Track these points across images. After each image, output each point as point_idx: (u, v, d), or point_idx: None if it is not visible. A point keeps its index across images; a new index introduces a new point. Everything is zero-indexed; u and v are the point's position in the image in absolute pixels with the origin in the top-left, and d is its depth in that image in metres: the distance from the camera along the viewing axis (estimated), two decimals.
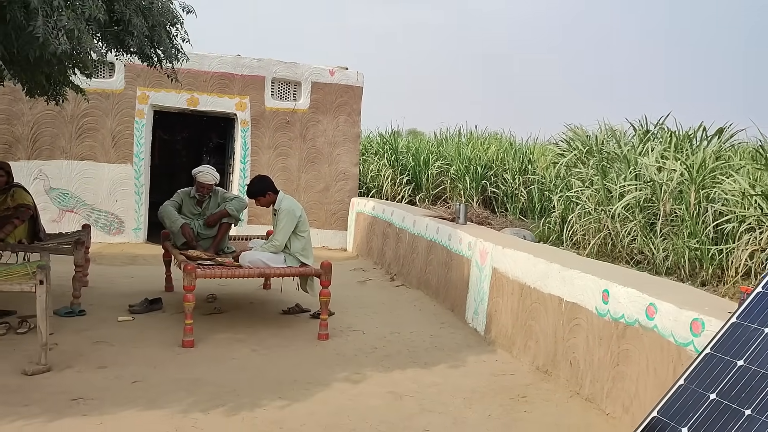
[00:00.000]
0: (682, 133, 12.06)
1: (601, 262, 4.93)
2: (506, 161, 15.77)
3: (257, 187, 5.73)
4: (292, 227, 5.62)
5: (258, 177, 5.92)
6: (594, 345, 3.94)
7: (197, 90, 9.65)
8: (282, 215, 5.61)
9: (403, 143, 17.04)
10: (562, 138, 15.24)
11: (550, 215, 12.65)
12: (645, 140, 11.97)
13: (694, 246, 8.84)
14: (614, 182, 10.84)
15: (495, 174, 15.42)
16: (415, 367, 4.74)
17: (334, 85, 10.28)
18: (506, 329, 5.10)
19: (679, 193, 10.05)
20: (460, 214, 6.71)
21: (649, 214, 10.33)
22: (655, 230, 9.75)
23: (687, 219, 9.37)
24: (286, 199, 5.75)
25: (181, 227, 6.13)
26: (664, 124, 12.65)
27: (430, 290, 6.91)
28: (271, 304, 6.42)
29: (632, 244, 10.02)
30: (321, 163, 10.30)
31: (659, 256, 9.20)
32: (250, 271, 5.32)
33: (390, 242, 8.32)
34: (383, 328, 5.78)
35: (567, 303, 4.28)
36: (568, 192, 12.13)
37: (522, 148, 16.66)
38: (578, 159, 13.07)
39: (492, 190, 15.01)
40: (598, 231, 10.73)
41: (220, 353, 4.87)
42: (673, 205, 10.03)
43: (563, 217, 12.15)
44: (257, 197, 5.72)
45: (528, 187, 14.84)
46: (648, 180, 10.46)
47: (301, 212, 5.71)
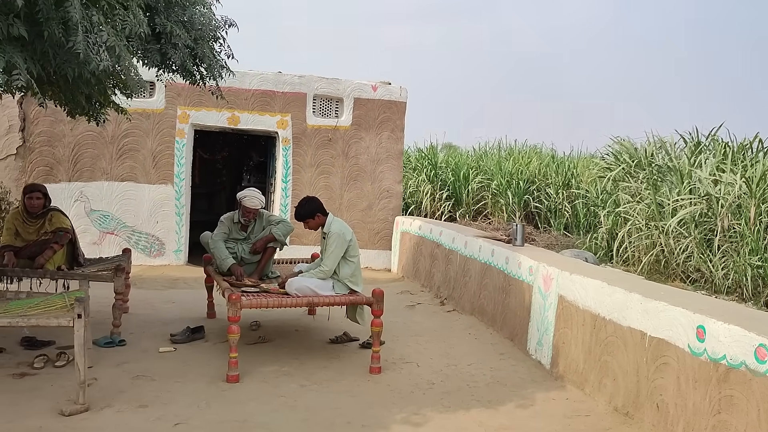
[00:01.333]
0: (736, 144, 11.50)
1: (689, 292, 4.48)
2: (548, 175, 15.35)
3: (306, 209, 5.42)
4: (342, 252, 5.29)
5: (306, 198, 5.62)
6: (687, 388, 3.49)
7: (238, 108, 9.45)
8: (332, 239, 5.28)
9: (442, 158, 16.70)
10: (609, 151, 14.75)
11: (596, 231, 12.18)
12: (697, 152, 11.41)
13: (756, 264, 8.29)
14: (667, 196, 10.33)
15: (537, 189, 15.02)
16: (478, 407, 4.33)
17: (376, 101, 9.99)
18: (577, 364, 4.66)
19: (738, 208, 9.50)
20: (516, 235, 6.30)
21: (705, 229, 9.79)
22: (712, 247, 9.22)
23: (747, 235, 8.82)
24: (336, 221, 5.43)
25: (231, 267, 5.84)
26: (716, 136, 12.08)
27: (486, 317, 6.49)
28: (317, 332, 6.09)
29: (688, 261, 9.50)
30: (364, 180, 9.99)
31: (718, 274, 8.67)
32: (298, 300, 4.99)
33: (439, 264, 7.93)
34: (439, 360, 5.39)
35: (651, 338, 3.84)
36: (617, 207, 11.64)
37: (564, 161, 16.20)
38: (626, 172, 12.56)
39: (535, 205, 14.59)
40: (651, 247, 10.22)
41: (267, 389, 4.53)
42: (732, 220, 9.48)
43: (611, 232, 11.67)
44: (306, 219, 5.42)
45: (572, 202, 14.40)
46: (703, 194, 9.92)
47: (351, 236, 5.38)
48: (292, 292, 5.13)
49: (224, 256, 5.87)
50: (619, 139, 14.31)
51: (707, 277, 9.05)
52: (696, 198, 10.00)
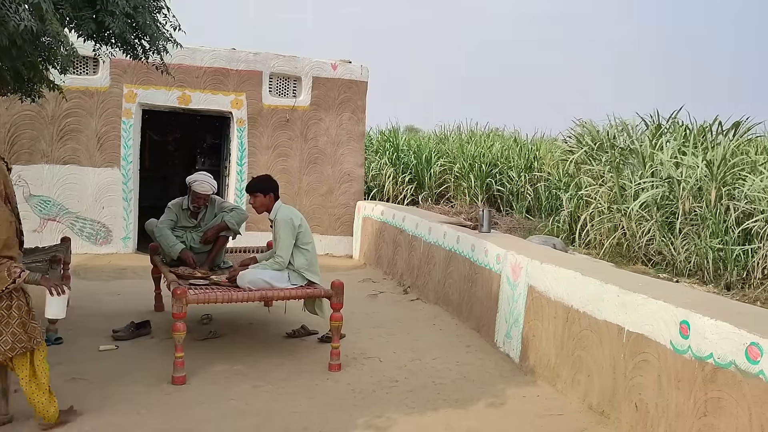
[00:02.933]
0: (696, 127, 11.47)
1: (670, 283, 4.25)
2: (511, 159, 15.23)
3: (261, 183, 5.04)
4: (293, 239, 4.92)
5: (267, 175, 5.25)
6: (670, 387, 3.25)
7: (189, 87, 8.93)
8: (279, 226, 4.90)
9: (404, 141, 16.42)
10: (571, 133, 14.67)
11: (559, 214, 12.07)
12: (658, 135, 11.37)
13: (717, 246, 8.24)
14: (629, 179, 10.24)
15: (500, 172, 14.90)
16: (445, 407, 4.04)
17: (336, 80, 9.56)
18: (548, 358, 4.41)
19: (699, 191, 9.44)
20: (483, 221, 6.01)
21: (667, 212, 9.74)
22: (674, 230, 9.16)
23: (709, 218, 8.77)
24: (283, 208, 5.04)
25: (181, 253, 5.42)
26: (677, 118, 12.04)
27: (451, 307, 6.21)
28: (273, 325, 5.72)
29: (650, 244, 9.43)
30: (324, 164, 9.58)
31: (680, 257, 8.60)
32: (250, 294, 4.60)
33: (402, 251, 7.62)
34: (402, 354, 5.08)
35: (629, 333, 3.59)
36: (579, 190, 11.53)
37: (527, 144, 16.09)
38: (589, 155, 12.47)
39: (497, 188, 14.45)
40: (613, 231, 10.13)
41: (216, 392, 4.16)
42: (693, 203, 9.43)
43: (573, 216, 11.57)
44: (256, 193, 5.00)
45: (534, 185, 14.30)
46: (665, 177, 9.85)
47: (300, 221, 5.00)
48: (245, 286, 4.75)
49: (172, 243, 5.45)
50: (582, 121, 14.23)
51: (669, 260, 8.98)
52: (658, 181, 9.92)
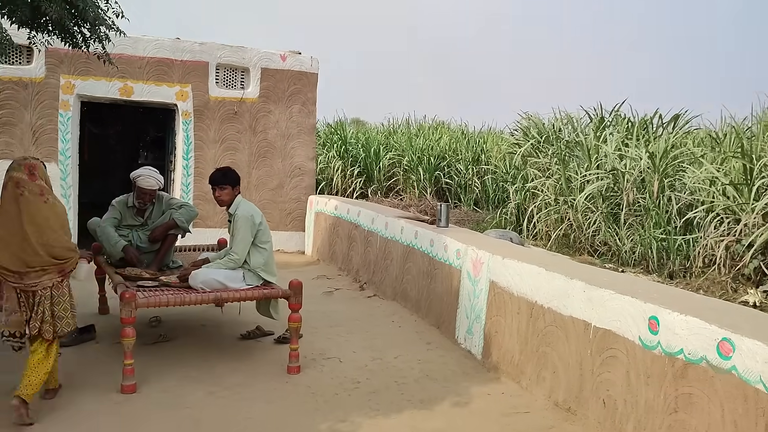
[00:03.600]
0: (638, 120, 11.74)
1: (636, 278, 4.24)
2: (459, 151, 15.30)
3: (228, 176, 4.79)
4: (251, 237, 4.72)
5: (229, 167, 4.99)
6: (639, 383, 3.22)
7: (131, 78, 8.54)
8: (239, 223, 4.69)
9: (352, 134, 16.30)
10: (517, 126, 14.83)
11: (506, 206, 12.18)
12: (601, 128, 11.59)
13: (660, 236, 8.43)
14: (575, 171, 10.39)
15: (448, 165, 14.95)
16: (410, 408, 3.94)
17: (286, 72, 9.32)
18: (512, 355, 4.36)
19: (642, 182, 9.66)
20: (441, 216, 5.92)
21: (612, 203, 9.92)
22: (619, 221, 9.34)
23: (652, 208, 8.97)
24: (244, 203, 4.84)
25: (124, 250, 5.15)
26: (619, 111, 12.30)
27: (409, 303, 6.11)
28: (227, 327, 5.50)
29: (596, 235, 9.59)
30: (274, 157, 9.34)
31: (625, 247, 8.77)
32: (204, 296, 4.39)
33: (357, 246, 7.48)
34: (362, 353, 4.96)
35: (596, 329, 3.56)
36: (526, 183, 11.65)
37: (474, 137, 16.21)
38: (535, 148, 12.62)
39: (445, 181, 14.48)
40: (560, 222, 10.26)
41: (169, 400, 3.95)
42: (637, 194, 9.64)
43: (519, 208, 11.69)
44: (222, 185, 4.75)
45: (482, 177, 14.40)
46: (610, 169, 10.03)
47: (261, 219, 4.81)
48: (197, 286, 4.53)
49: (114, 241, 5.17)
50: (528, 114, 14.39)
51: (614, 250, 9.15)
52: (603, 173, 10.09)
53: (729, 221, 7.89)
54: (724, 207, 8.02)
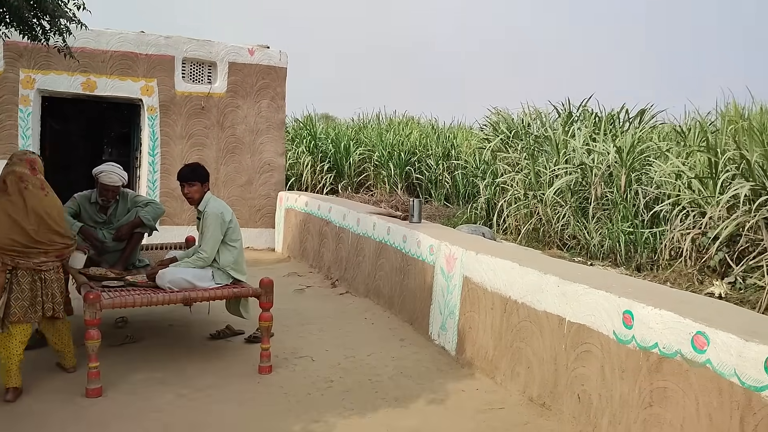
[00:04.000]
0: (605, 114, 11.87)
1: (610, 272, 4.25)
2: (429, 146, 15.29)
3: (197, 172, 4.68)
4: (221, 235, 4.62)
5: (198, 163, 4.88)
6: (613, 378, 3.22)
7: (94, 72, 8.32)
8: (209, 220, 4.58)
9: (321, 129, 16.17)
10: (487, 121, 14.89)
11: (476, 201, 12.21)
12: (569, 123, 11.69)
13: (627, 230, 8.54)
14: (544, 166, 10.46)
15: (419, 160, 14.93)
16: (385, 407, 3.89)
17: (254, 66, 9.17)
18: (486, 351, 4.34)
19: (609, 177, 9.77)
20: (414, 211, 5.88)
21: (580, 198, 10.02)
22: (587, 215, 9.43)
23: (619, 202, 9.08)
24: (214, 200, 4.73)
25: (80, 230, 4.99)
26: (587, 106, 12.43)
27: (382, 299, 6.06)
28: (196, 326, 5.39)
29: (565, 229, 9.68)
30: (242, 153, 9.20)
31: (594, 240, 8.86)
32: (172, 296, 4.27)
33: (329, 243, 7.40)
34: (335, 351, 4.89)
35: (571, 324, 3.55)
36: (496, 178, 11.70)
37: (445, 132, 16.23)
38: (504, 143, 12.68)
39: (416, 176, 14.46)
40: (529, 217, 10.32)
41: (137, 403, 3.83)
42: (605, 188, 9.75)
43: (489, 202, 11.74)
44: (191, 182, 4.63)
45: (452, 173, 14.42)
46: (578, 163, 10.12)
47: (231, 217, 4.71)
48: (165, 286, 4.42)
49: (70, 222, 4.99)
50: (497, 109, 14.45)
51: (583, 244, 9.23)
52: (571, 167, 10.17)
53: (694, 214, 8.01)
54: (689, 200, 8.14)
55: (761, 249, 7.12)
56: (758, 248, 7.16)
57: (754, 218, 7.11)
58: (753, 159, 7.67)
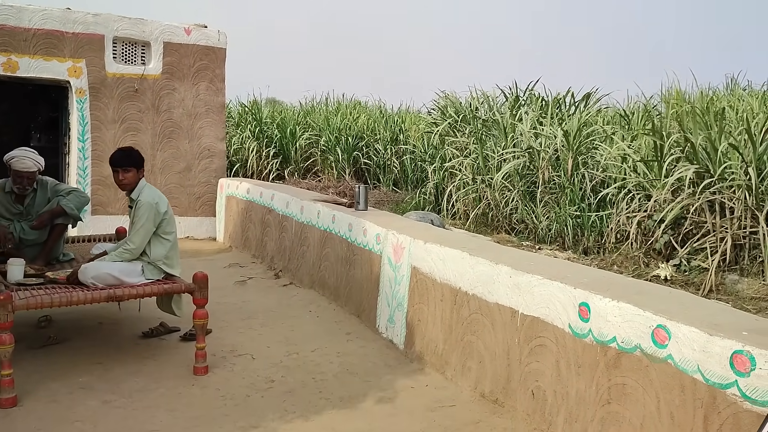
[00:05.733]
0: (551, 98, 11.87)
1: (567, 262, 4.09)
2: (377, 131, 15.06)
3: (131, 157, 4.32)
4: (154, 226, 4.27)
5: (132, 147, 4.50)
6: (569, 374, 3.06)
7: (16, 51, 7.72)
8: (142, 210, 4.22)
9: (267, 114, 15.73)
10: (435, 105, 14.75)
11: (425, 186, 12.07)
12: (516, 107, 11.64)
13: (574, 213, 8.53)
14: (492, 150, 10.38)
15: (366, 145, 14.69)
16: (329, 408, 3.64)
17: (191, 46, 8.71)
18: (435, 344, 4.14)
19: (557, 161, 9.75)
20: (359, 198, 5.63)
21: (528, 182, 9.98)
22: (535, 199, 9.40)
23: (566, 186, 9.06)
24: (148, 188, 4.37)
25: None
26: (533, 90, 12.40)
27: (327, 291, 5.81)
28: (127, 324, 5.02)
29: (513, 213, 9.62)
30: (180, 138, 8.75)
31: (541, 224, 8.82)
32: (95, 294, 3.90)
33: (272, 232, 7.08)
34: (277, 348, 4.62)
35: (524, 317, 3.37)
36: (445, 162, 11.57)
37: (393, 116, 16.02)
38: (452, 127, 12.55)
39: (364, 161, 14.22)
40: (478, 201, 10.23)
41: (57, 412, 3.49)
42: (552, 172, 9.73)
43: (438, 187, 11.61)
44: (125, 167, 4.26)
45: (400, 157, 14.24)
46: (526, 147, 10.07)
47: (167, 208, 4.36)
48: (88, 282, 4.06)
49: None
50: (445, 93, 14.31)
51: (531, 228, 9.19)
52: (519, 151, 10.10)
53: (640, 197, 8.03)
54: (635, 183, 8.15)
55: (704, 231, 7.17)
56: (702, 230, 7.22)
57: (698, 201, 7.14)
58: (697, 142, 7.72)
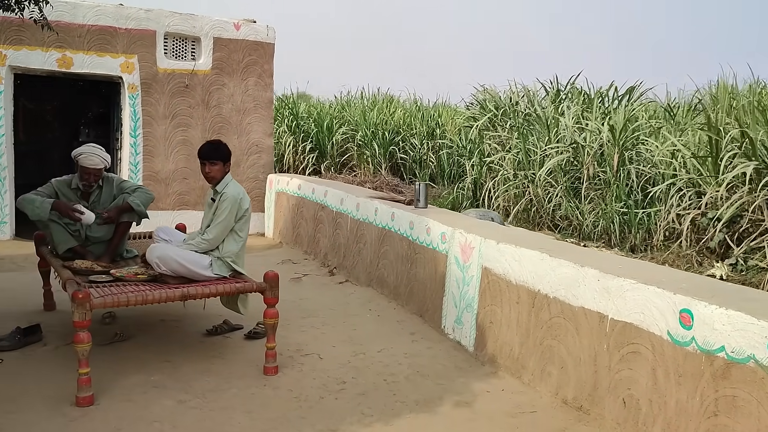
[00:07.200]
0: (594, 92, 11.63)
1: (656, 265, 3.95)
2: (413, 126, 14.92)
3: (224, 149, 4.30)
4: (234, 222, 4.26)
5: (220, 140, 4.48)
6: (668, 383, 2.93)
7: (70, 48, 7.78)
8: (226, 204, 4.19)
9: (304, 108, 15.69)
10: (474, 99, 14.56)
11: (462, 181, 11.91)
12: (557, 101, 11.42)
13: (621, 210, 8.33)
14: (534, 145, 10.19)
15: (403, 139, 14.55)
16: (407, 412, 3.56)
17: (240, 42, 8.69)
18: (510, 348, 4.03)
19: (601, 156, 9.54)
20: (419, 196, 5.54)
21: (572, 177, 9.78)
22: (579, 195, 9.20)
23: (613, 182, 8.85)
24: (234, 184, 4.36)
25: (54, 204, 4.51)
26: (575, 84, 12.16)
27: (386, 289, 5.73)
28: (189, 321, 5.01)
29: (557, 210, 9.44)
30: (229, 134, 8.74)
31: (587, 221, 8.63)
32: (169, 293, 3.87)
33: (325, 228, 7.03)
34: (343, 348, 4.56)
35: (614, 322, 3.25)
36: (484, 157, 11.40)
37: (429, 111, 15.86)
38: (492, 122, 12.37)
39: (400, 156, 14.09)
40: (520, 197, 10.07)
41: (133, 411, 3.46)
42: (597, 168, 9.52)
43: (476, 182, 11.45)
44: (213, 160, 4.24)
45: (437, 152, 14.08)
46: (571, 142, 9.87)
47: (248, 205, 4.34)
48: (153, 260, 4.04)
49: (39, 201, 4.50)
50: (484, 87, 14.12)
51: (575, 224, 9.01)
52: (563, 146, 9.91)
53: (690, 194, 7.81)
54: (686, 179, 7.92)
55: (762, 230, 6.93)
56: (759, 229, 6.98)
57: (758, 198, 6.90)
58: (758, 138, 7.46)
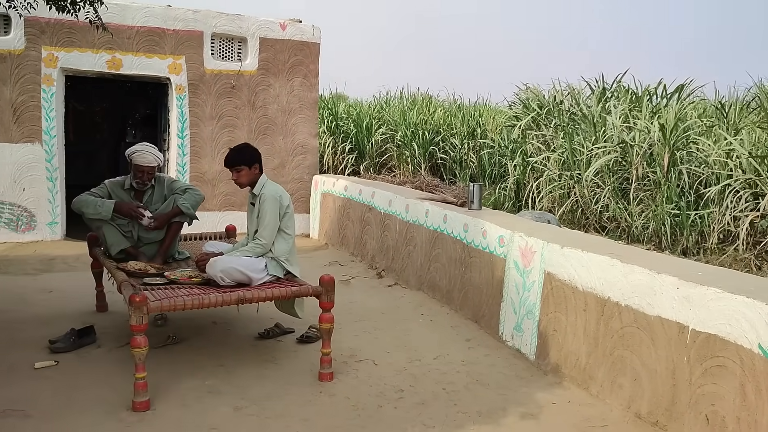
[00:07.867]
0: (641, 90, 11.28)
1: (739, 272, 3.72)
2: (454, 126, 14.71)
3: (248, 153, 4.23)
4: (279, 220, 4.18)
5: (246, 144, 4.41)
6: (760, 399, 2.73)
7: (119, 49, 7.83)
8: (267, 204, 4.12)
9: (343, 108, 15.62)
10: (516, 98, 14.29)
11: (504, 181, 11.67)
12: (603, 99, 11.09)
13: (673, 212, 8.02)
14: (581, 145, 9.90)
15: (443, 140, 14.35)
16: (469, 424, 3.41)
17: (286, 42, 8.65)
18: (576, 357, 3.85)
19: (650, 156, 9.21)
20: (473, 197, 5.37)
21: (620, 178, 9.48)
22: (627, 196, 8.90)
23: (663, 183, 8.53)
24: (270, 183, 4.27)
25: (116, 206, 4.54)
26: (621, 82, 11.81)
27: (438, 293, 5.58)
28: (240, 324, 4.94)
29: (605, 211, 9.15)
30: (275, 134, 8.71)
31: (637, 223, 8.34)
32: (225, 297, 3.78)
33: (372, 230, 6.91)
34: (398, 354, 4.43)
35: (696, 333, 3.05)
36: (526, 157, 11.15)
37: (470, 111, 15.63)
38: (535, 121, 12.10)
39: (440, 156, 13.90)
40: (565, 198, 9.81)
41: (190, 418, 3.39)
42: (646, 168, 9.21)
43: (519, 183, 11.21)
44: (236, 166, 4.18)
45: (478, 152, 13.85)
46: (619, 141, 9.57)
47: (289, 202, 4.25)
48: (217, 275, 3.96)
49: (99, 203, 4.53)
50: (528, 85, 13.85)
51: (623, 226, 8.72)
52: (611, 146, 9.62)
53: (747, 195, 7.48)
54: (743, 180, 7.60)
55: None
56: None
57: None
58: None
